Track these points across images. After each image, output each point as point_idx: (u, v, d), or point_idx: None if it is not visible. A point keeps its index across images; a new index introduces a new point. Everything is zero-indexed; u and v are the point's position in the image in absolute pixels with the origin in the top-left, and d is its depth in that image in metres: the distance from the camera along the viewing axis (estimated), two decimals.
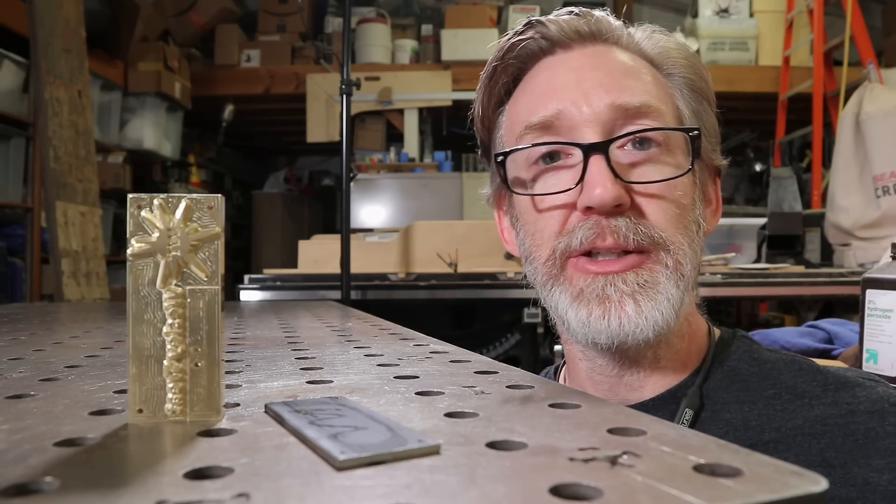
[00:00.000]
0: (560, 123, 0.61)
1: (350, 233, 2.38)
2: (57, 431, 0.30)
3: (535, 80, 0.65)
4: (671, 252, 0.58)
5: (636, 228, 0.57)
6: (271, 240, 5.39)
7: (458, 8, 4.94)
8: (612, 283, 0.57)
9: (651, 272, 0.58)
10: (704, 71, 0.67)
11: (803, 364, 0.64)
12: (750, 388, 0.62)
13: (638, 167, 0.59)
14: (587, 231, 0.58)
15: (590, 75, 0.61)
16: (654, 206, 0.59)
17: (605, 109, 0.59)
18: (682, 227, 0.59)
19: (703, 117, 0.65)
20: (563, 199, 0.60)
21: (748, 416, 0.59)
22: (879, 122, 2.73)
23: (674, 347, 0.63)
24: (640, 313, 0.57)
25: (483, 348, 2.63)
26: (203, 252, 0.33)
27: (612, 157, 0.58)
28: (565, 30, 0.64)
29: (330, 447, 0.26)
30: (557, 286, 0.61)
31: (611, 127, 0.60)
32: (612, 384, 0.65)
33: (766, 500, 0.22)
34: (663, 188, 0.59)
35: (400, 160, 4.66)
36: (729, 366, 0.64)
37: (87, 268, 3.03)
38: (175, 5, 4.68)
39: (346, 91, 2.34)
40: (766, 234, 3.03)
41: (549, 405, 0.35)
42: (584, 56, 0.63)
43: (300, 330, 0.78)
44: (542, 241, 0.62)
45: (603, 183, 0.56)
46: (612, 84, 0.60)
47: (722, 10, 4.77)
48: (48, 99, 2.91)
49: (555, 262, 0.60)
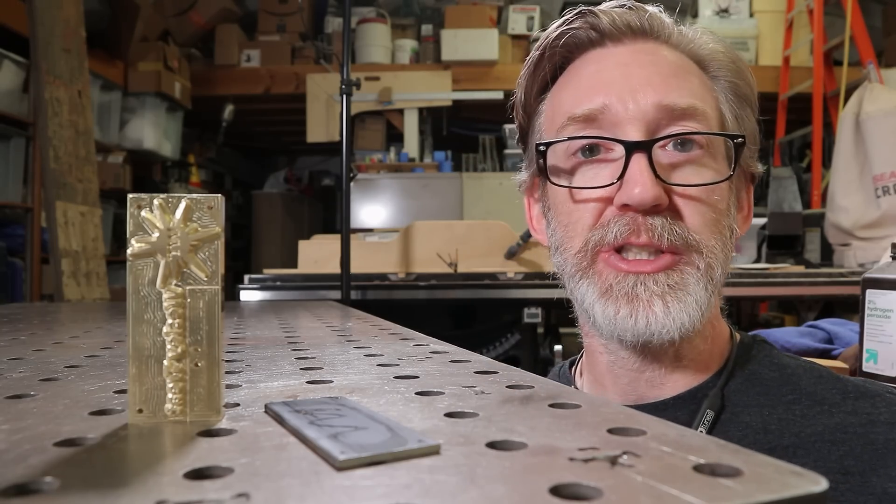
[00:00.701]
0: (604, 118, 0.60)
1: (350, 233, 2.38)
2: (57, 431, 0.30)
3: (582, 71, 0.64)
4: (704, 255, 0.58)
5: (671, 229, 0.57)
6: (271, 240, 5.38)
7: (458, 8, 4.94)
8: (642, 282, 0.57)
9: (682, 274, 0.58)
10: (750, 76, 0.67)
11: (823, 371, 0.64)
12: (770, 392, 0.62)
13: (679, 169, 0.59)
14: (623, 227, 0.58)
15: (638, 72, 0.61)
16: (692, 208, 0.59)
17: (650, 108, 0.59)
18: (717, 232, 0.60)
19: (745, 123, 0.65)
20: (599, 194, 0.60)
21: (768, 420, 0.60)
22: (879, 122, 2.73)
23: (696, 348, 0.63)
24: (667, 314, 0.57)
25: (483, 348, 2.63)
26: (203, 252, 0.33)
27: (654, 157, 0.58)
28: (617, 23, 0.63)
29: (330, 447, 0.26)
30: (586, 279, 0.61)
31: (654, 126, 0.59)
32: (632, 379, 0.64)
33: (766, 500, 0.22)
34: (702, 192, 0.59)
35: (400, 160, 4.66)
36: (749, 370, 0.64)
37: (87, 268, 3.03)
38: (175, 5, 4.68)
39: (346, 91, 2.34)
40: (766, 234, 3.03)
41: (549, 405, 0.35)
42: (634, 52, 0.63)
43: (300, 330, 0.78)
44: (576, 233, 0.61)
45: (644, 182, 0.56)
46: (660, 83, 0.60)
47: (722, 10, 4.77)
48: (48, 99, 2.91)
49: (586, 254, 0.60)
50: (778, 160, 4.35)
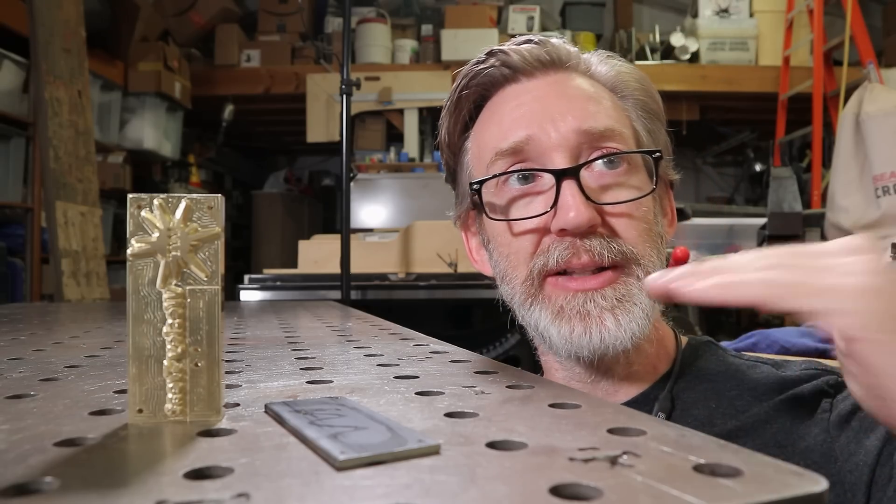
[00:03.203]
0: (529, 149, 0.63)
1: (350, 233, 2.38)
2: (57, 431, 0.30)
3: (502, 107, 0.68)
4: (642, 266, 0.61)
5: (610, 246, 0.60)
6: (271, 240, 5.38)
7: (458, 8, 4.94)
8: (591, 298, 0.60)
9: (626, 285, 0.61)
10: (654, 89, 0.71)
11: (764, 368, 0.68)
12: (716, 388, 0.66)
13: (607, 188, 0.63)
14: (563, 251, 0.61)
15: (555, 102, 0.64)
16: (624, 223, 0.62)
17: (572, 134, 0.62)
18: (650, 241, 0.63)
19: (657, 135, 0.69)
20: (536, 224, 0.63)
21: (714, 412, 0.64)
22: (879, 122, 2.73)
23: (644, 352, 0.67)
24: (619, 327, 0.60)
25: (483, 348, 2.63)
26: (203, 252, 0.33)
27: (583, 180, 0.61)
28: (527, 59, 0.67)
29: (330, 447, 0.26)
30: (537, 304, 0.63)
31: (577, 152, 0.63)
32: (588, 391, 0.67)
33: (766, 500, 0.22)
34: (632, 207, 0.62)
35: (400, 160, 4.65)
36: (697, 367, 0.68)
37: (87, 268, 3.03)
38: (175, 5, 4.68)
39: (346, 91, 2.34)
40: (766, 234, 3.03)
41: (549, 405, 0.35)
42: (548, 84, 0.67)
43: (300, 330, 0.78)
44: (518, 262, 0.64)
45: (577, 206, 0.59)
46: (577, 110, 0.63)
47: (722, 10, 4.77)
48: (48, 99, 2.91)
49: (532, 281, 0.63)
50: (778, 160, 4.35)
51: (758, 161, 5.66)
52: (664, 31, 4.99)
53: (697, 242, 3.19)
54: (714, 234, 3.25)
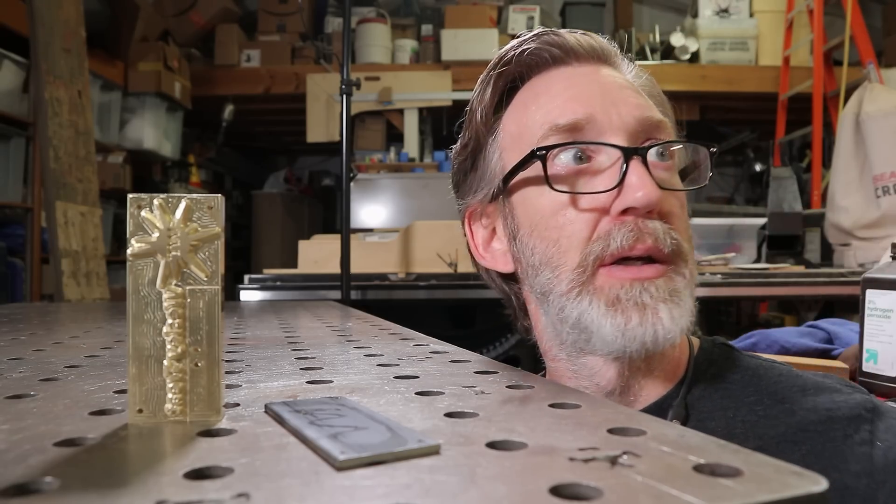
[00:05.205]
0: (589, 128, 0.60)
1: (350, 233, 2.38)
2: (57, 431, 0.30)
3: (552, 87, 0.64)
4: (687, 263, 0.59)
5: (669, 233, 0.58)
6: (271, 240, 5.38)
7: (458, 8, 4.94)
8: (646, 289, 0.57)
9: (675, 282, 0.58)
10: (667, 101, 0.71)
11: (782, 369, 0.65)
12: (733, 394, 0.63)
13: (661, 179, 0.60)
14: (627, 233, 0.57)
15: (613, 89, 0.63)
16: (675, 217, 0.60)
17: (632, 120, 0.61)
18: (689, 240, 0.61)
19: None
20: (596, 203, 0.59)
21: (732, 423, 0.60)
22: (879, 122, 2.73)
23: (666, 357, 0.63)
24: (672, 320, 0.56)
25: (483, 348, 2.63)
26: (203, 252, 0.33)
27: (649, 162, 0.59)
28: (582, 44, 0.65)
29: (330, 447, 0.26)
30: (587, 294, 0.58)
31: (634, 138, 0.61)
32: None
33: (766, 500, 0.22)
34: (679, 202, 0.61)
35: (400, 160, 4.65)
36: (711, 374, 0.65)
37: (87, 268, 3.03)
38: (175, 5, 4.68)
39: (346, 91, 2.34)
40: (766, 234, 3.03)
41: (549, 405, 0.35)
42: (600, 72, 0.65)
43: (300, 330, 0.78)
44: (570, 247, 0.59)
45: (649, 183, 0.56)
46: (633, 98, 0.62)
47: (722, 10, 4.77)
48: (48, 99, 2.91)
49: (586, 269, 0.58)
50: (778, 160, 4.35)
51: (758, 161, 5.66)
52: (664, 31, 4.99)
53: (698, 242, 3.18)
54: (714, 234, 3.25)
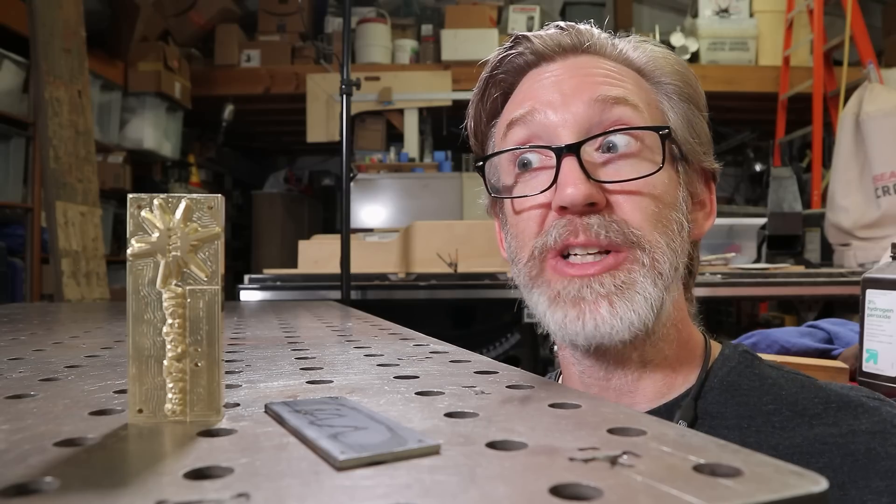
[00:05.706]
0: (536, 124, 0.62)
1: (350, 233, 2.38)
2: (57, 431, 0.30)
3: (519, 91, 0.68)
4: (647, 250, 0.58)
5: (609, 225, 0.58)
6: (271, 240, 5.38)
7: (458, 8, 4.94)
8: (588, 285, 0.58)
9: (628, 272, 0.58)
10: (694, 78, 0.68)
11: (805, 381, 0.63)
12: (749, 402, 0.61)
13: (611, 166, 0.60)
14: (561, 229, 0.59)
15: (568, 80, 0.63)
16: (630, 203, 0.59)
17: (581, 108, 0.61)
18: (661, 226, 0.60)
19: (694, 123, 0.66)
20: (540, 200, 0.62)
21: (746, 433, 0.59)
22: (879, 122, 2.73)
23: (662, 352, 0.63)
24: (614, 314, 0.57)
25: (483, 348, 2.63)
26: (203, 252, 0.33)
27: (585, 156, 0.59)
28: (548, 43, 0.66)
29: (330, 447, 0.26)
30: (537, 288, 0.62)
31: (587, 126, 0.61)
32: (601, 388, 0.65)
33: (766, 500, 0.22)
34: (640, 185, 0.59)
35: (400, 160, 4.66)
36: (729, 381, 0.63)
37: (87, 268, 3.03)
38: (175, 5, 4.68)
39: (346, 91, 2.34)
40: (766, 234, 3.03)
41: (549, 405, 0.35)
42: (567, 66, 0.66)
43: (300, 330, 0.78)
44: (524, 243, 0.63)
45: (574, 183, 0.57)
46: (588, 84, 0.62)
47: (722, 10, 4.77)
48: (48, 99, 2.91)
49: (534, 262, 0.61)
50: (778, 160, 4.35)
51: (758, 161, 5.66)
52: (664, 31, 4.99)
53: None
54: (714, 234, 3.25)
